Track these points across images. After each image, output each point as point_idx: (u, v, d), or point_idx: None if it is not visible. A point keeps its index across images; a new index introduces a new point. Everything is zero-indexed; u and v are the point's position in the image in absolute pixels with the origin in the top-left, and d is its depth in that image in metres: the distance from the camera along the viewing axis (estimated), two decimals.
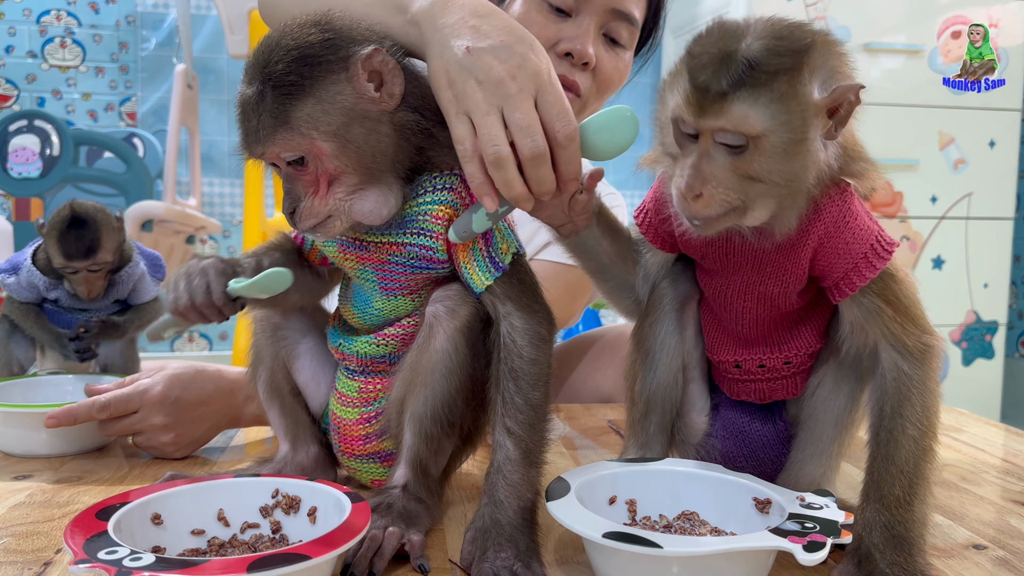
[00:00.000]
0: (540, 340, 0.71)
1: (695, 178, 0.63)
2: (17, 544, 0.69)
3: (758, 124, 0.60)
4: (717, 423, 0.80)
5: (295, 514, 0.66)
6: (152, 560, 0.51)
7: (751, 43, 0.61)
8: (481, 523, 0.66)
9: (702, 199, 0.63)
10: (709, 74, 0.61)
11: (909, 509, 0.65)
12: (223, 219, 3.02)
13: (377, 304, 0.75)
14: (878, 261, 0.67)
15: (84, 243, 1.04)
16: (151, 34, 2.95)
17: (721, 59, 0.61)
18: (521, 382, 0.69)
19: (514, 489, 0.67)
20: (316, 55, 0.66)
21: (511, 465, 0.67)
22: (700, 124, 0.62)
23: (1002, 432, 1.15)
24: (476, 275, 0.72)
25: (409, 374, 0.72)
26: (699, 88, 0.61)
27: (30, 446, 0.93)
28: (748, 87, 0.60)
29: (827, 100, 0.62)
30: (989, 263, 2.78)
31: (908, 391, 0.66)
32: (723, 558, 0.57)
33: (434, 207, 0.72)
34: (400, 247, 0.72)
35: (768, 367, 0.75)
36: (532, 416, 0.69)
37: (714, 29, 0.64)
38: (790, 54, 0.61)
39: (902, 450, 0.66)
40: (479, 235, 0.71)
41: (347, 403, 0.78)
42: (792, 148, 0.61)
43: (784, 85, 0.60)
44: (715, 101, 0.61)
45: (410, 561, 0.65)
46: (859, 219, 0.68)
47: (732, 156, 0.62)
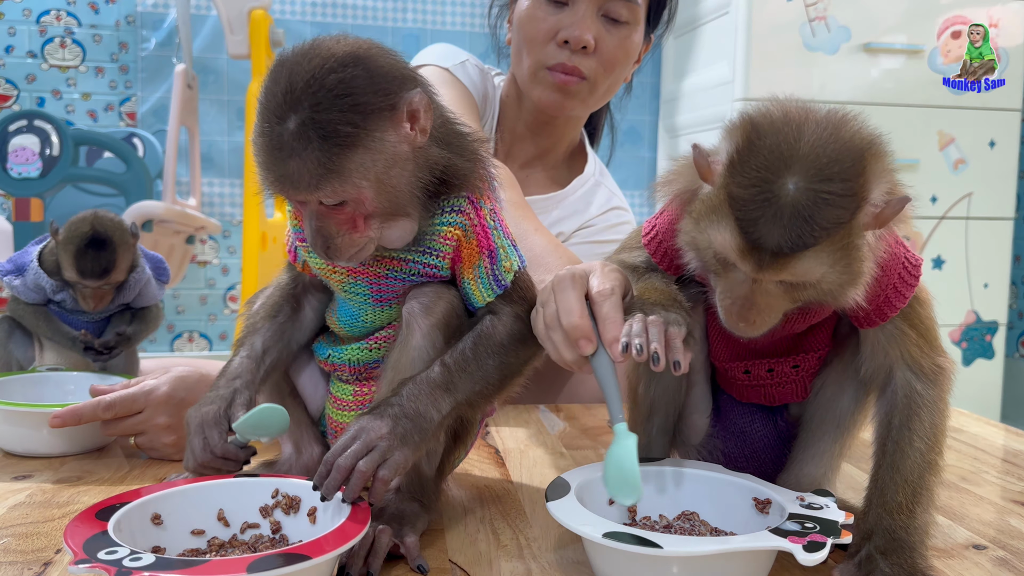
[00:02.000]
0: (520, 337, 0.72)
1: (749, 310, 0.61)
2: (17, 544, 0.69)
3: (819, 272, 0.58)
4: (719, 424, 0.80)
5: (295, 514, 0.66)
6: (152, 560, 0.51)
7: (798, 189, 0.56)
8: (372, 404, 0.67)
9: (754, 324, 0.62)
10: (764, 232, 0.57)
11: (912, 516, 0.65)
12: (223, 219, 3.02)
13: (368, 316, 0.75)
14: (907, 289, 0.66)
15: (100, 264, 1.04)
16: (151, 34, 2.95)
17: (774, 214, 0.56)
18: (480, 347, 0.70)
19: (419, 388, 0.66)
20: (366, 102, 0.63)
21: (425, 380, 0.67)
22: (760, 277, 0.60)
23: (1002, 432, 1.15)
24: (478, 292, 0.73)
25: (391, 373, 0.72)
26: (755, 245, 0.58)
27: (32, 445, 0.93)
28: (808, 245, 0.56)
29: (874, 223, 0.59)
30: (989, 263, 2.78)
31: (919, 408, 0.66)
32: (723, 558, 0.57)
33: (444, 228, 0.72)
34: (402, 263, 0.72)
35: (776, 371, 0.75)
36: (474, 368, 0.69)
37: (750, 153, 0.59)
38: (846, 201, 0.56)
39: (908, 460, 0.66)
40: (488, 265, 0.73)
41: (343, 407, 0.78)
42: (849, 279, 0.59)
43: (843, 233, 0.57)
44: (776, 259, 0.57)
45: (407, 562, 0.65)
46: (888, 252, 0.65)
47: (787, 287, 0.61)
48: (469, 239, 0.72)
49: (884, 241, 0.64)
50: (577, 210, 1.36)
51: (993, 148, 2.74)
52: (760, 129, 0.59)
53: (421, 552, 0.66)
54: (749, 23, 2.56)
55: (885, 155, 0.60)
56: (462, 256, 0.73)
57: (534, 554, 0.69)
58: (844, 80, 2.62)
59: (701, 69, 2.87)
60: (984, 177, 2.74)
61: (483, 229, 0.73)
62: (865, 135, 0.60)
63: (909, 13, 2.65)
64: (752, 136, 0.59)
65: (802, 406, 0.78)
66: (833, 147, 0.57)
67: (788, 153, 0.57)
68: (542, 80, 1.25)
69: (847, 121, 0.61)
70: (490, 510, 0.79)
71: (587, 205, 1.37)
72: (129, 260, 1.08)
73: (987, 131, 2.73)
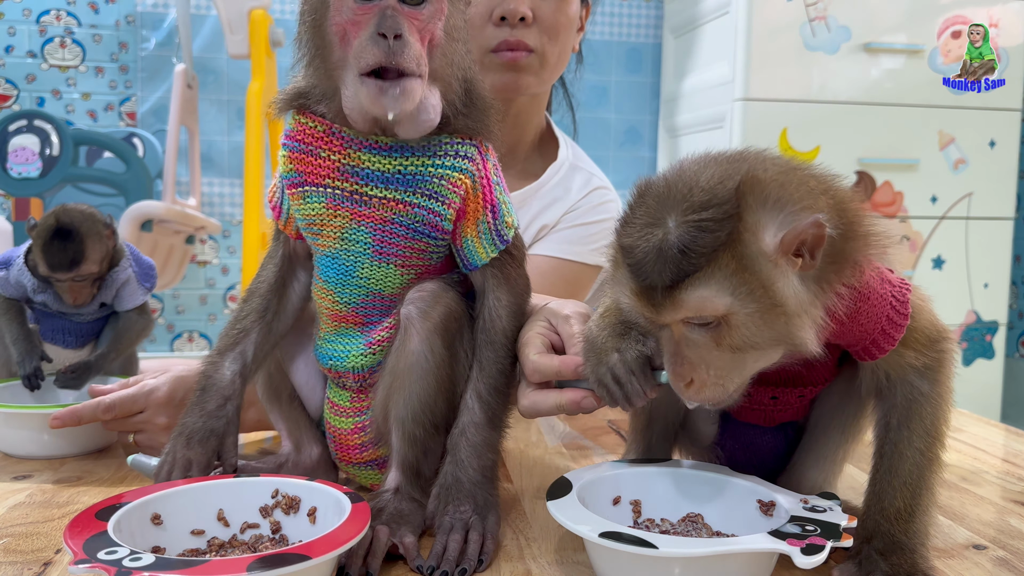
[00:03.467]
0: (519, 312, 0.76)
1: (680, 366, 0.60)
2: (17, 544, 0.69)
3: (720, 305, 0.56)
4: (726, 433, 0.79)
5: (295, 514, 0.66)
6: (152, 560, 0.51)
7: (675, 224, 0.56)
8: (444, 480, 0.71)
9: (694, 385, 0.60)
10: (649, 271, 0.57)
11: (911, 520, 0.64)
12: (223, 219, 3.02)
13: (363, 272, 0.73)
14: (895, 331, 0.64)
15: (68, 255, 1.01)
16: (151, 34, 2.95)
17: (655, 253, 0.57)
18: (499, 351, 0.73)
19: (475, 449, 0.71)
20: None
21: (474, 428, 0.71)
22: (661, 319, 0.60)
23: (1002, 432, 1.15)
24: (482, 248, 0.73)
25: (389, 378, 0.72)
26: (646, 288, 0.58)
27: (32, 447, 0.93)
28: (691, 275, 0.56)
29: (782, 248, 0.56)
30: (989, 263, 2.78)
31: (919, 407, 0.66)
32: (721, 559, 0.57)
33: (453, 174, 0.71)
34: (407, 207, 0.71)
35: (780, 400, 0.74)
36: (502, 382, 0.73)
37: (636, 205, 0.60)
38: (717, 224, 0.55)
39: (906, 462, 0.65)
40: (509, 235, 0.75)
41: (340, 413, 0.78)
42: (766, 311, 0.57)
43: (727, 258, 0.56)
44: (666, 297, 0.57)
45: (407, 562, 0.65)
46: (872, 294, 0.63)
47: (710, 331, 0.58)
48: (476, 192, 0.72)
49: (865, 278, 0.62)
50: (557, 197, 1.32)
51: (993, 148, 2.74)
52: (648, 183, 0.61)
53: (421, 552, 0.66)
54: (749, 23, 2.56)
55: (773, 180, 0.58)
56: (467, 211, 0.72)
57: (534, 554, 0.69)
58: (844, 80, 2.62)
59: (701, 69, 2.87)
60: (984, 177, 2.74)
61: (488, 182, 0.73)
62: (746, 165, 0.59)
63: (909, 13, 2.65)
64: (641, 190, 0.61)
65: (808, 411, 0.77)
66: (707, 179, 0.57)
67: (666, 195, 0.58)
68: (490, 64, 1.20)
69: (738, 155, 0.61)
70: None
71: (566, 191, 1.33)
72: (102, 252, 1.04)
73: (987, 131, 2.73)
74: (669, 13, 3.11)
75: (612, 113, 3.21)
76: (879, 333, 0.64)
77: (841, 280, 0.60)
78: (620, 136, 3.24)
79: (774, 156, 0.62)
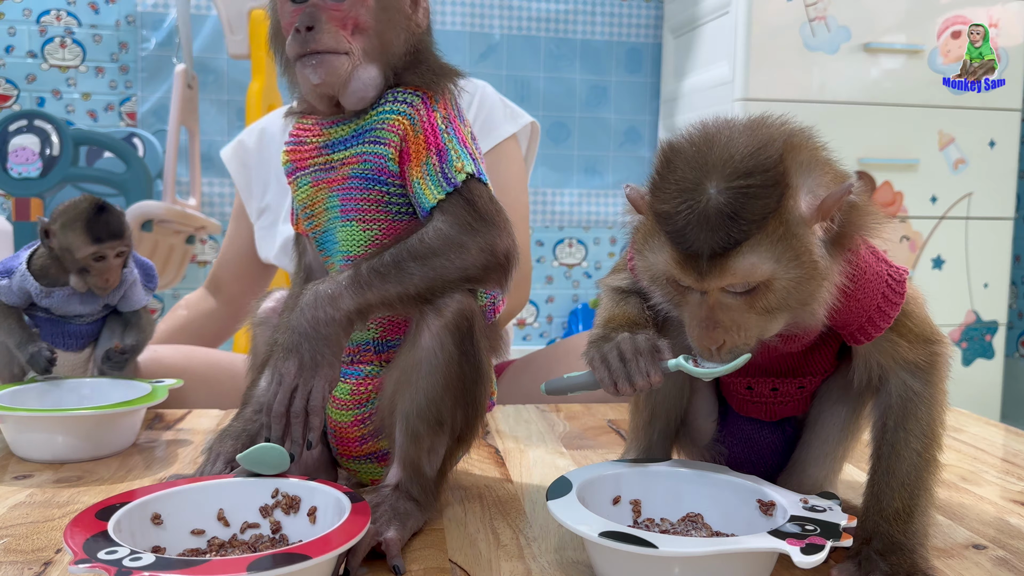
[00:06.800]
0: (453, 242, 0.71)
1: (714, 329, 0.60)
2: (17, 544, 0.69)
3: (766, 270, 0.57)
4: (726, 430, 0.79)
5: (295, 514, 0.66)
6: (152, 560, 0.51)
7: (718, 191, 0.56)
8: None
9: (724, 346, 0.61)
10: (693, 239, 0.57)
11: (910, 521, 0.65)
12: (223, 219, 3.02)
13: (338, 235, 0.77)
14: (891, 309, 0.65)
15: (112, 226, 1.06)
16: (151, 34, 2.95)
17: (699, 220, 0.56)
18: (405, 251, 0.70)
19: (317, 300, 0.69)
20: None
21: (330, 282, 0.70)
22: (704, 286, 0.59)
23: (1002, 432, 1.15)
24: (428, 190, 0.73)
25: (397, 373, 0.72)
26: (691, 255, 0.57)
27: (46, 451, 0.93)
28: (740, 241, 0.56)
29: (817, 214, 0.58)
30: (989, 263, 2.78)
31: (915, 407, 0.66)
32: (721, 559, 0.57)
33: (392, 116, 0.74)
34: (358, 158, 0.75)
35: (781, 391, 0.74)
36: (392, 272, 0.70)
37: (664, 171, 0.60)
38: (767, 191, 0.56)
39: (904, 464, 0.65)
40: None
41: (340, 406, 0.78)
42: (805, 276, 0.58)
43: (775, 224, 0.56)
44: (713, 263, 0.57)
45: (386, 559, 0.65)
46: (868, 270, 0.65)
47: (744, 296, 0.59)
48: (416, 134, 0.74)
49: (861, 255, 0.63)
50: None
51: (993, 148, 2.74)
52: (675, 147, 0.61)
53: (421, 552, 0.66)
54: (749, 23, 2.56)
55: (806, 145, 0.60)
56: (410, 152, 0.74)
57: (534, 554, 0.69)
58: (844, 80, 2.62)
59: (701, 69, 2.87)
60: (984, 177, 2.74)
61: (431, 127, 0.74)
62: (782, 129, 0.60)
63: (909, 13, 2.65)
64: (668, 155, 0.61)
65: (806, 412, 0.77)
66: (745, 144, 0.58)
67: (702, 160, 0.58)
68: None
69: (762, 121, 0.61)
70: (490, 510, 0.79)
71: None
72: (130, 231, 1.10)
73: (987, 131, 2.73)
74: (669, 13, 3.11)
75: (612, 113, 3.21)
76: (875, 310, 0.65)
77: (847, 247, 0.61)
78: (620, 136, 3.23)
79: (785, 119, 0.63)
